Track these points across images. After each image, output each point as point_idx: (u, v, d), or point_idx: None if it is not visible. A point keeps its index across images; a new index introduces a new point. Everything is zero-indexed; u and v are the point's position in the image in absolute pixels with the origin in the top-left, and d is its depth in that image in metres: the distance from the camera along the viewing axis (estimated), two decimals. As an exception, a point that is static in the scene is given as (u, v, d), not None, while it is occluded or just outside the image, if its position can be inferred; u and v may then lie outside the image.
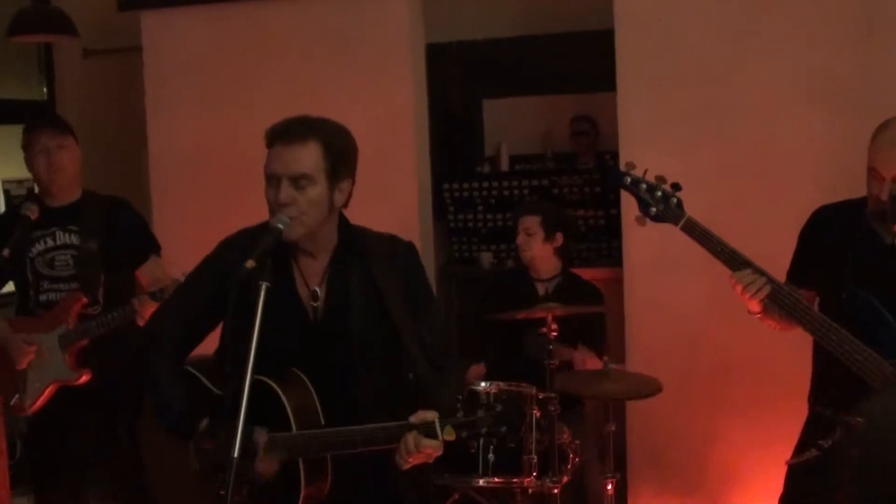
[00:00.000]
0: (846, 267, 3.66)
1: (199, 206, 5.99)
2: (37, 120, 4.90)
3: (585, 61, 6.77)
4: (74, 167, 4.76)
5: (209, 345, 3.38)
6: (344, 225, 3.32)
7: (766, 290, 3.56)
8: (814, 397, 3.90)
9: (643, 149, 5.19)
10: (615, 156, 5.66)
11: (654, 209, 3.71)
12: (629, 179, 3.75)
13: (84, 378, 4.58)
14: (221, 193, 5.97)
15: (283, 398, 3.14)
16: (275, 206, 3.13)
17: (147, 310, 4.39)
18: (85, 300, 4.59)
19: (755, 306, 3.65)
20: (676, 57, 5.35)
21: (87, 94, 7.34)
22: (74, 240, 4.70)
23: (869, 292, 3.58)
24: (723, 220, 3.84)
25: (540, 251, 5.34)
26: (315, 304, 3.26)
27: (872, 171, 3.58)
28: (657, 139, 5.32)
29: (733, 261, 3.62)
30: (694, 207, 3.74)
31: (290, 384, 3.19)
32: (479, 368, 5.27)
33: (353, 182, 3.26)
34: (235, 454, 2.81)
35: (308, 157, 3.12)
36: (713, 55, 5.30)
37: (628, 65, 5.43)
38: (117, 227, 4.77)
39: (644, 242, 5.37)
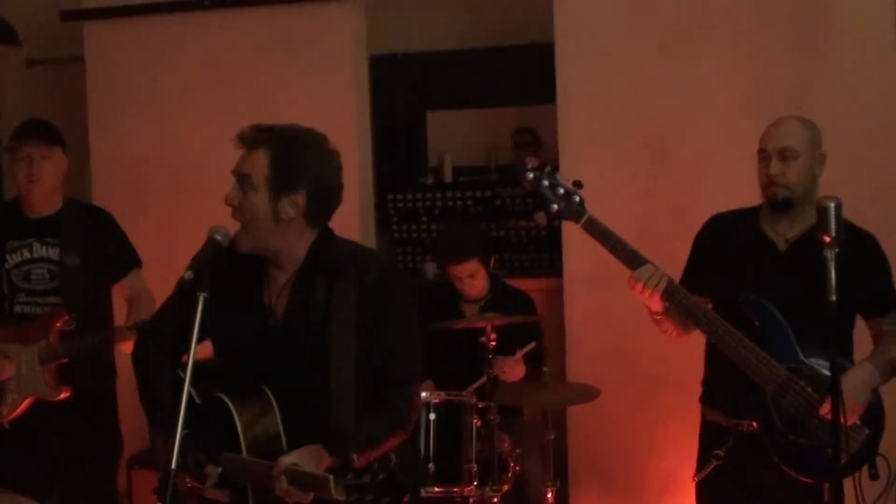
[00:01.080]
0: (741, 272, 3.73)
1: (142, 218, 5.94)
2: (25, 127, 4.77)
3: (527, 74, 6.83)
4: (56, 179, 4.62)
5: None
6: (322, 240, 3.21)
7: (664, 282, 3.61)
8: (706, 399, 3.94)
9: (583, 160, 5.27)
10: (556, 168, 5.71)
11: (554, 206, 3.71)
12: (530, 175, 3.74)
13: (63, 395, 4.52)
14: (166, 205, 5.98)
15: (237, 422, 3.07)
16: None
17: (125, 343, 4.37)
18: (67, 317, 4.54)
19: (655, 304, 3.69)
20: (615, 70, 5.43)
21: (29, 104, 7.27)
22: (53, 253, 4.59)
23: (763, 298, 3.66)
24: (661, 229, 3.93)
25: (483, 284, 5.30)
26: (274, 316, 3.19)
27: (761, 153, 3.74)
28: (597, 150, 5.39)
29: (633, 260, 3.66)
30: (632, 217, 3.81)
31: (254, 405, 3.12)
32: (427, 385, 5.29)
33: (313, 198, 3.12)
34: (173, 466, 2.82)
35: (253, 163, 3.09)
36: (651, 68, 5.38)
37: (568, 77, 5.50)
38: (99, 241, 4.67)
39: (583, 253, 5.41)
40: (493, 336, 4.64)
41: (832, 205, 3.27)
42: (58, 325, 4.51)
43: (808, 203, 3.64)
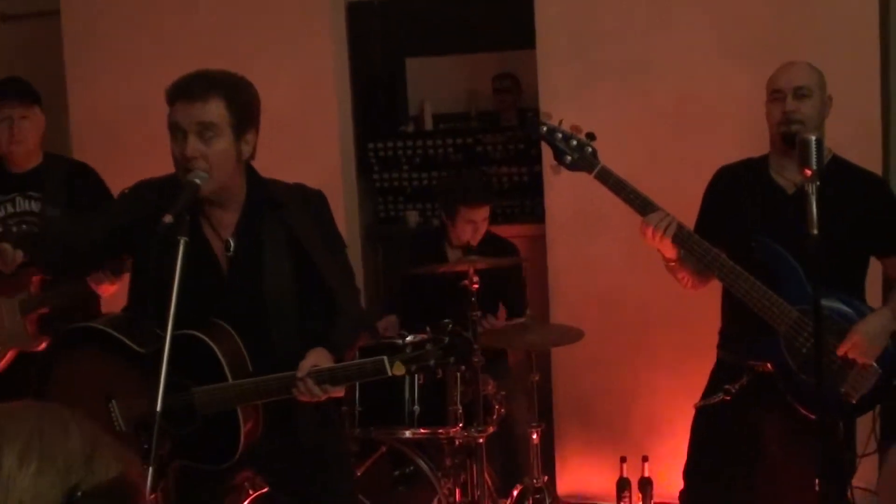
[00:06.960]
0: (752, 218, 3.80)
1: (122, 173, 5.89)
2: (2, 87, 4.77)
3: (507, 18, 6.79)
4: (36, 136, 4.70)
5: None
6: (253, 176, 3.37)
7: (674, 227, 3.66)
8: (722, 344, 4.02)
9: (563, 105, 5.23)
10: (537, 113, 5.68)
11: (569, 157, 3.80)
12: (545, 128, 3.84)
13: (43, 346, 4.52)
14: (145, 159, 5.88)
15: (217, 351, 3.18)
16: (182, 161, 3.17)
17: (101, 286, 4.41)
18: None
19: (668, 250, 3.74)
20: (595, 13, 5.41)
21: (4, 59, 7.23)
22: (35, 207, 4.65)
23: (774, 242, 3.71)
24: (642, 175, 3.93)
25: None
26: (228, 255, 3.30)
27: (775, 94, 3.79)
28: (577, 96, 5.38)
29: (644, 207, 3.71)
30: (614, 163, 3.81)
31: (218, 335, 3.23)
32: (390, 319, 5.33)
33: (258, 132, 3.31)
34: (159, 409, 2.84)
35: (211, 111, 3.16)
36: (631, 11, 5.36)
37: (547, 21, 5.47)
38: (81, 195, 4.71)
39: (565, 199, 5.44)
40: (475, 279, 4.64)
41: (812, 138, 3.28)
42: (39, 276, 4.51)
43: None
